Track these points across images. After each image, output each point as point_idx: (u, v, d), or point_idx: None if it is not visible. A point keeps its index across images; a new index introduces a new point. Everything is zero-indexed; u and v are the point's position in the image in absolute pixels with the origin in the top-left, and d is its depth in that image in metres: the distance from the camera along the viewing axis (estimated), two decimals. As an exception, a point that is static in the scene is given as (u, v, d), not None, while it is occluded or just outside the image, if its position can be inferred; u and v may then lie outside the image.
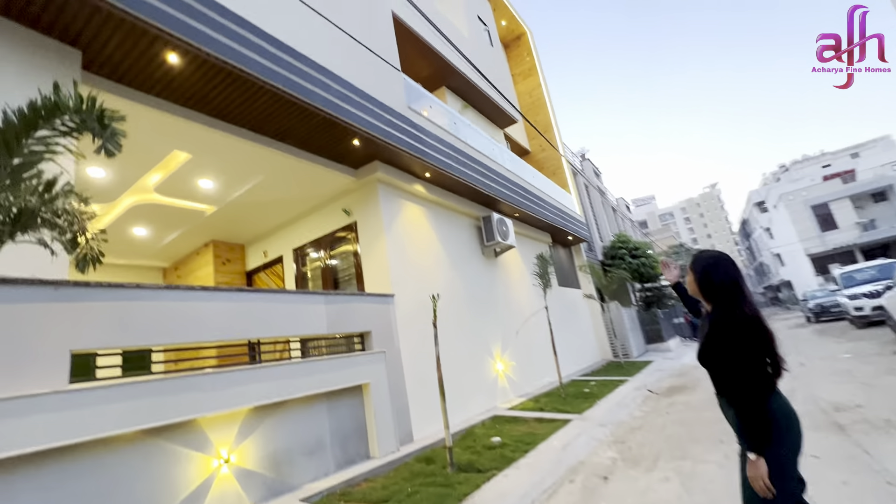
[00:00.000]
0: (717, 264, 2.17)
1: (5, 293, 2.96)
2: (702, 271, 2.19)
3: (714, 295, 2.11)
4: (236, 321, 4.29)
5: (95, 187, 5.94)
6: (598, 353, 14.26)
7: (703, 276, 2.17)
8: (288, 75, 4.88)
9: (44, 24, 3.58)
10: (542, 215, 11.59)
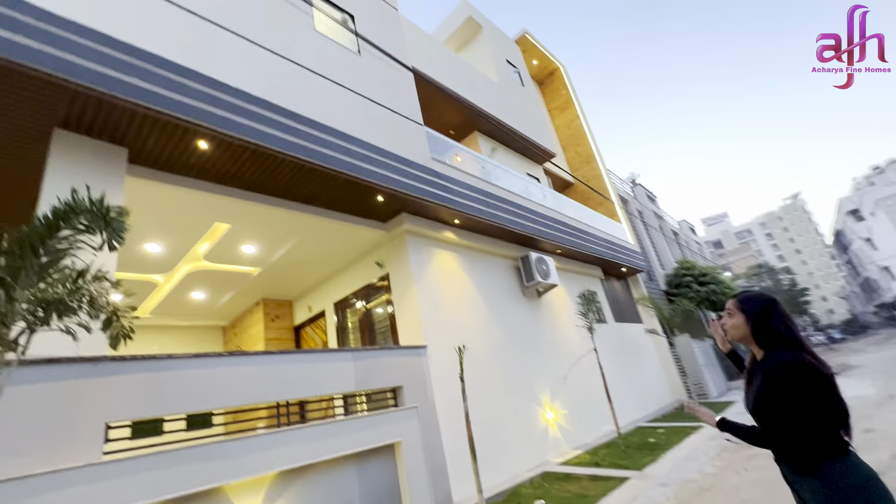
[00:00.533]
0: (774, 305, 1.95)
1: (51, 372, 3.28)
2: (758, 311, 1.95)
3: (771, 338, 1.88)
4: (262, 384, 4.42)
5: (154, 260, 6.62)
6: (668, 395, 12.95)
7: (759, 317, 1.93)
8: (307, 145, 5.22)
9: (95, 131, 4.17)
10: (587, 249, 11.11)
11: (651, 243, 18.90)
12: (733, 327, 2.03)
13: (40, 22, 3.55)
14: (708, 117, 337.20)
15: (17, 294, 2.41)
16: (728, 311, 2.09)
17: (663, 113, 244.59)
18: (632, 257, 13.74)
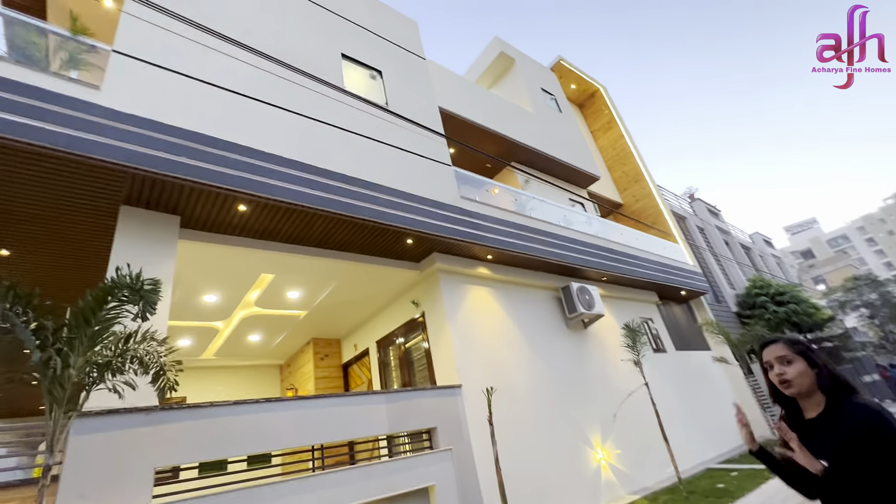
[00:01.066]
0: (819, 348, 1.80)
1: (109, 422, 3.72)
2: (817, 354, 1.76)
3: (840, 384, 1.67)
4: (298, 428, 4.66)
5: (213, 309, 7.29)
6: (757, 429, 11.61)
7: (824, 361, 1.73)
8: (336, 198, 5.60)
9: (152, 204, 4.80)
10: (637, 274, 10.58)
11: (716, 262, 17.53)
12: (799, 376, 1.70)
13: (105, 119, 4.23)
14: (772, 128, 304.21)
15: (73, 360, 2.82)
16: (783, 357, 1.75)
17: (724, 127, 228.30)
18: (691, 279, 12.82)
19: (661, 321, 11.76)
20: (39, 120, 3.87)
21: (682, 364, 11.32)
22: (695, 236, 17.05)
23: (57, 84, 4.15)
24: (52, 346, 2.71)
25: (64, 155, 3.90)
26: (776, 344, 1.81)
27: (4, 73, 3.88)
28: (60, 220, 4.76)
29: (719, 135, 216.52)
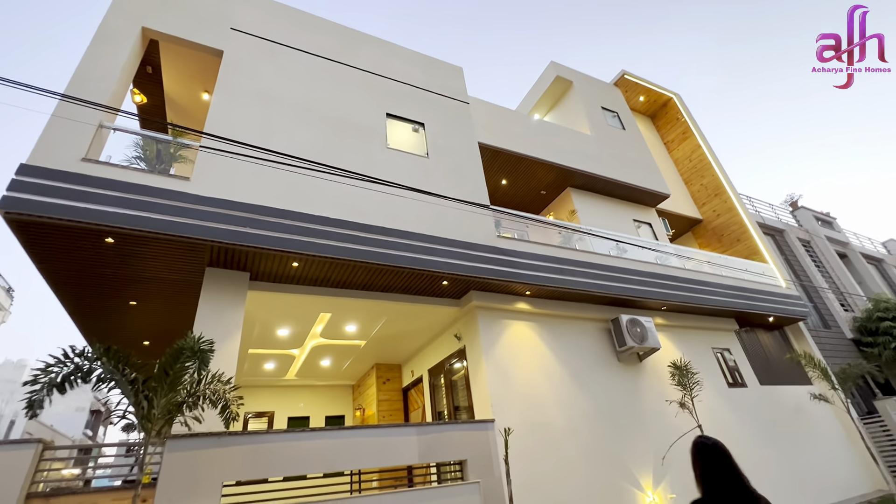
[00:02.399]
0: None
1: (198, 442, 4.80)
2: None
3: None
4: (338, 455, 5.43)
5: (287, 340, 8.58)
6: (860, 482, 10.01)
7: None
8: (374, 250, 6.40)
9: (228, 264, 6.02)
10: (707, 301, 9.88)
11: (830, 278, 15.26)
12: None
13: (193, 204, 5.49)
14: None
15: (156, 402, 3.85)
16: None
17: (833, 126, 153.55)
18: (782, 303, 11.48)
19: (741, 351, 10.73)
20: (149, 212, 5.21)
21: (767, 400, 10.19)
22: (796, 251, 15.09)
23: (160, 180, 5.52)
24: (141, 393, 3.76)
25: (165, 236, 5.19)
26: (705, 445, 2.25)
27: (126, 178, 5.30)
28: (165, 280, 6.21)
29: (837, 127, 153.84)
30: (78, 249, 5.30)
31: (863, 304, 14.80)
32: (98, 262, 5.61)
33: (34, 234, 4.93)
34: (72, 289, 6.17)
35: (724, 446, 2.22)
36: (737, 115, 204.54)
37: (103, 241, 5.17)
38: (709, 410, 8.93)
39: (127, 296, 6.52)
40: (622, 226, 11.67)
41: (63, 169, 4.99)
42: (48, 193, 4.77)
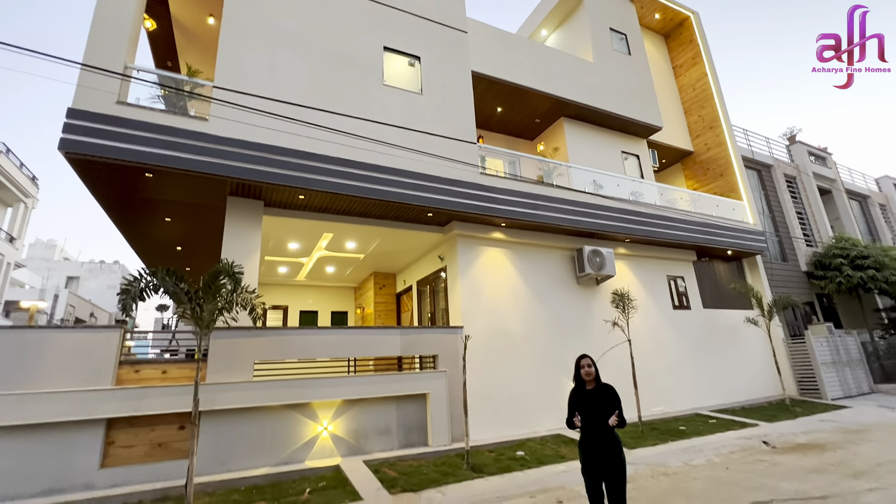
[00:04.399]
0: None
1: (235, 333, 6.46)
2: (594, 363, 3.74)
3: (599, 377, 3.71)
4: (339, 347, 7.17)
5: (297, 251, 10.05)
6: (767, 389, 12.18)
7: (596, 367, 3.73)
8: (367, 186, 7.46)
9: (245, 194, 7.16)
10: (669, 236, 11.06)
11: (804, 216, 16.16)
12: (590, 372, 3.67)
13: (212, 144, 6.46)
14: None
15: (204, 307, 5.33)
16: (589, 363, 3.72)
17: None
18: (742, 239, 12.64)
19: (693, 279, 12.21)
20: (178, 151, 6.21)
21: (707, 321, 11.94)
22: (778, 187, 15.76)
23: (183, 122, 6.41)
24: (193, 301, 5.22)
25: (192, 173, 6.27)
26: (587, 358, 3.74)
27: (158, 121, 6.21)
28: (194, 205, 7.42)
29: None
30: (124, 181, 6.43)
31: (829, 241, 15.90)
32: (139, 190, 6.77)
33: (89, 169, 6.03)
34: (119, 209, 7.43)
35: (590, 357, 3.73)
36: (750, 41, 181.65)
37: (143, 176, 6.28)
38: (650, 328, 10.69)
39: (163, 214, 7.80)
40: (609, 158, 12.33)
41: (103, 112, 5.88)
42: (96, 135, 5.75)
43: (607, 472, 3.42)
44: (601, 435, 3.48)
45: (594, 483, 3.48)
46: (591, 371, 3.66)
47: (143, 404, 5.63)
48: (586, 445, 3.56)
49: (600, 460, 3.46)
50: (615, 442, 3.47)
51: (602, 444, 3.46)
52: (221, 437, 6.03)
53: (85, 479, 5.27)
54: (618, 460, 3.42)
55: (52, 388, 5.31)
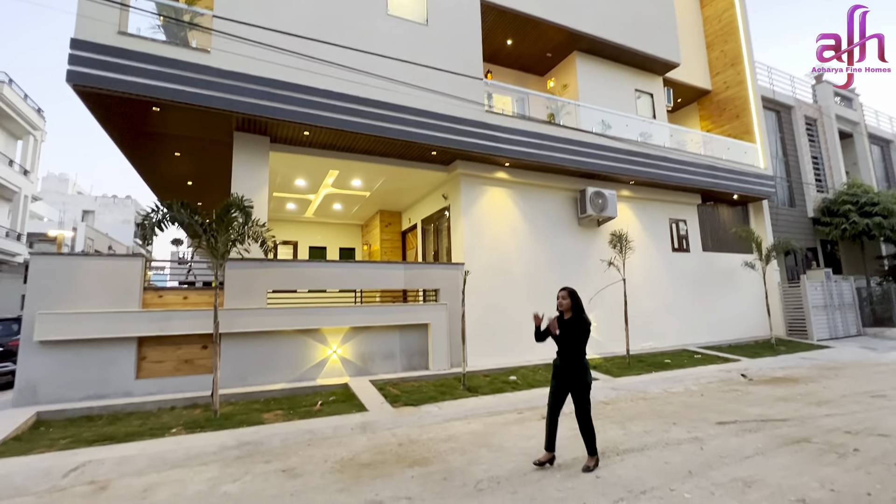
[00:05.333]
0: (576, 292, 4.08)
1: (249, 264, 6.87)
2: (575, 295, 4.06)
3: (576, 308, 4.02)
4: (346, 279, 7.61)
5: (304, 188, 10.25)
6: (756, 329, 12.68)
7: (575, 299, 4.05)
8: (371, 123, 7.47)
9: (251, 130, 7.25)
10: (674, 179, 11.02)
11: (821, 160, 15.77)
12: (568, 303, 4.02)
13: (215, 77, 6.46)
14: None
15: (219, 239, 5.68)
16: (565, 295, 4.06)
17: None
18: (749, 183, 12.53)
19: (696, 223, 12.30)
20: (184, 85, 6.25)
21: (705, 264, 12.21)
22: (796, 130, 15.25)
23: (186, 53, 6.37)
24: (209, 232, 5.55)
25: (195, 107, 6.35)
26: (564, 290, 4.08)
27: (161, 53, 6.18)
28: (202, 140, 7.55)
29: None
30: (132, 115, 6.55)
31: (841, 187, 15.64)
32: (148, 124, 6.89)
33: (98, 103, 6.13)
34: (130, 144, 7.59)
35: (566, 289, 4.06)
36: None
37: (151, 109, 6.38)
38: (647, 269, 11.00)
39: (172, 149, 7.96)
40: (622, 96, 11.95)
41: (105, 43, 5.87)
42: (101, 67, 5.79)
43: (572, 389, 3.85)
44: (570, 360, 3.88)
45: (556, 400, 3.94)
46: (565, 302, 4.00)
47: (169, 325, 6.18)
48: (557, 368, 3.99)
49: (567, 381, 3.89)
50: (582, 367, 3.85)
51: (570, 367, 3.87)
52: (241, 356, 6.66)
53: (124, 388, 5.96)
54: (582, 381, 3.83)
55: (87, 310, 5.85)
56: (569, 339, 3.89)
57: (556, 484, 3.63)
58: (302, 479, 3.83)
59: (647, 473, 3.84)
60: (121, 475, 3.97)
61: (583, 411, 3.86)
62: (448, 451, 4.55)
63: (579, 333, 3.89)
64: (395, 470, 4.02)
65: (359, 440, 4.86)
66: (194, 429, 4.94)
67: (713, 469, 3.92)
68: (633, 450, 4.47)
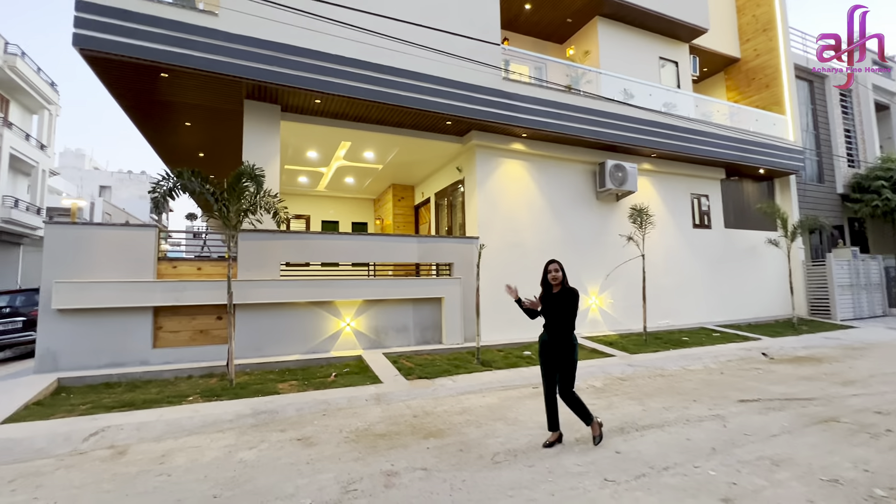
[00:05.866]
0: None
1: (261, 235, 6.80)
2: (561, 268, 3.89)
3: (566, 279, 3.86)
4: (359, 251, 7.52)
5: (315, 160, 10.09)
6: (777, 307, 12.36)
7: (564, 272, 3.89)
8: (384, 90, 7.21)
9: (261, 98, 7.05)
10: (698, 151, 10.57)
11: (854, 134, 15.00)
12: (559, 276, 3.82)
13: (224, 41, 6.24)
14: None
15: (230, 208, 5.59)
16: (556, 268, 3.85)
17: None
18: (778, 156, 11.98)
19: (718, 198, 11.87)
20: (192, 50, 6.05)
21: (726, 241, 11.83)
22: (829, 101, 14.46)
23: (192, 16, 6.14)
24: (220, 202, 5.46)
25: (203, 72, 6.16)
26: (555, 263, 3.88)
27: (166, 15, 5.96)
28: (212, 109, 7.38)
29: None
30: (140, 81, 6.39)
31: (874, 161, 14.90)
32: (157, 92, 6.74)
33: (106, 69, 5.98)
34: (140, 112, 7.47)
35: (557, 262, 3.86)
36: None
37: (159, 76, 6.21)
38: (666, 245, 10.69)
39: (182, 118, 7.82)
40: (645, 64, 11.39)
41: (110, 4, 5.67)
42: (106, 31, 5.62)
43: (560, 365, 3.70)
44: (559, 334, 3.71)
45: (550, 380, 3.80)
46: (558, 276, 3.79)
47: (184, 296, 6.19)
48: (545, 344, 3.82)
49: (556, 357, 3.73)
50: (569, 343, 3.68)
51: (560, 343, 3.71)
52: (255, 327, 6.67)
53: (141, 356, 6.02)
54: (569, 358, 3.68)
55: (103, 279, 5.86)
56: (560, 313, 3.72)
57: (574, 458, 3.55)
58: (317, 448, 3.81)
59: (669, 449, 3.73)
60: (139, 440, 4.00)
61: (568, 388, 3.73)
62: (463, 423, 4.51)
63: (571, 306, 3.70)
64: (410, 441, 3.99)
65: (373, 411, 4.84)
66: (210, 397, 4.96)
67: (738, 447, 3.79)
68: (653, 426, 4.37)
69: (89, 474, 3.39)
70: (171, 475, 3.35)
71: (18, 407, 4.48)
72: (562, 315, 3.72)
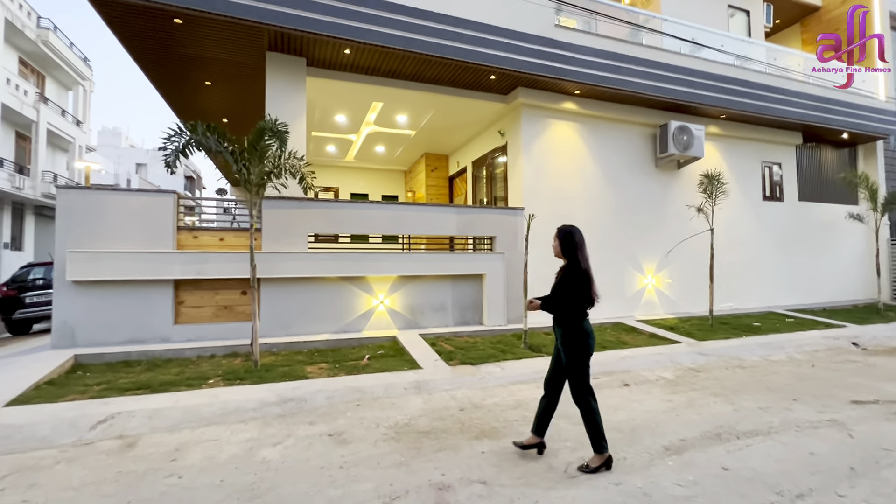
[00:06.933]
0: (571, 234, 3.01)
1: (287, 203, 6.19)
2: (563, 237, 3.05)
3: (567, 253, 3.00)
4: (392, 222, 6.82)
5: (344, 126, 9.36)
6: (858, 291, 11.01)
7: (563, 241, 3.03)
8: (421, 38, 6.34)
9: (284, 49, 6.32)
10: (771, 111, 9.22)
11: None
12: (555, 248, 3.08)
13: (244, -17, 5.50)
14: None
15: (252, 170, 4.95)
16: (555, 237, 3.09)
17: None
18: (866, 118, 10.41)
19: (793, 167, 10.49)
20: (204, -10, 5.35)
21: (799, 215, 10.51)
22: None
23: (208, -48, 5.41)
24: (240, 162, 4.82)
25: (220, 17, 5.45)
26: (559, 229, 3.09)
27: (176, -50, 5.26)
28: (232, 62, 6.71)
29: None
30: (153, 29, 5.76)
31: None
32: (173, 43, 6.11)
33: (115, 16, 5.36)
34: (156, 69, 6.89)
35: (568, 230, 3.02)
36: None
37: (172, 22, 5.55)
38: (730, 219, 9.49)
39: (202, 76, 7.20)
40: (713, 12, 10.03)
41: (117, -62, 5.00)
42: (113, -32, 4.97)
43: (563, 359, 2.94)
44: (557, 320, 2.99)
45: (551, 369, 3.11)
46: (556, 245, 3.05)
47: (205, 268, 5.67)
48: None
49: (558, 349, 3.03)
50: (565, 332, 2.90)
51: (557, 330, 3.00)
52: (282, 303, 6.13)
53: (162, 333, 5.59)
54: (565, 352, 2.90)
55: (119, 249, 5.40)
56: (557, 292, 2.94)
57: (672, 475, 2.79)
58: (351, 447, 3.20)
59: (791, 467, 2.92)
60: (151, 430, 3.50)
61: (574, 392, 2.91)
62: (520, 420, 3.81)
63: (559, 284, 2.93)
64: (460, 441, 3.32)
65: (414, 402, 4.20)
66: (233, 380, 4.45)
67: (884, 467, 2.94)
68: (757, 432, 3.54)
69: (91, 471, 2.89)
70: (182, 477, 2.80)
71: (28, 386, 4.08)
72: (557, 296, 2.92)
